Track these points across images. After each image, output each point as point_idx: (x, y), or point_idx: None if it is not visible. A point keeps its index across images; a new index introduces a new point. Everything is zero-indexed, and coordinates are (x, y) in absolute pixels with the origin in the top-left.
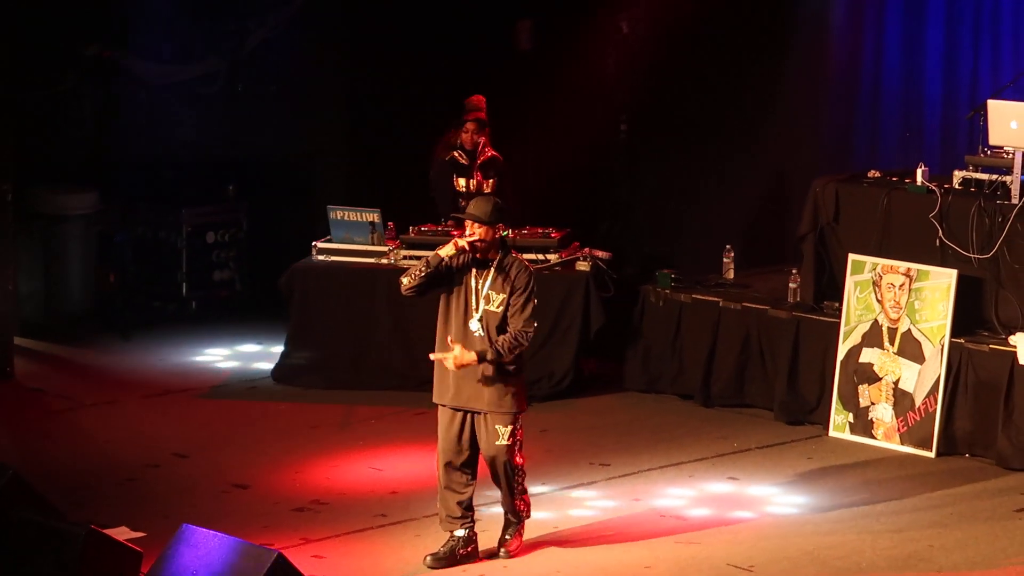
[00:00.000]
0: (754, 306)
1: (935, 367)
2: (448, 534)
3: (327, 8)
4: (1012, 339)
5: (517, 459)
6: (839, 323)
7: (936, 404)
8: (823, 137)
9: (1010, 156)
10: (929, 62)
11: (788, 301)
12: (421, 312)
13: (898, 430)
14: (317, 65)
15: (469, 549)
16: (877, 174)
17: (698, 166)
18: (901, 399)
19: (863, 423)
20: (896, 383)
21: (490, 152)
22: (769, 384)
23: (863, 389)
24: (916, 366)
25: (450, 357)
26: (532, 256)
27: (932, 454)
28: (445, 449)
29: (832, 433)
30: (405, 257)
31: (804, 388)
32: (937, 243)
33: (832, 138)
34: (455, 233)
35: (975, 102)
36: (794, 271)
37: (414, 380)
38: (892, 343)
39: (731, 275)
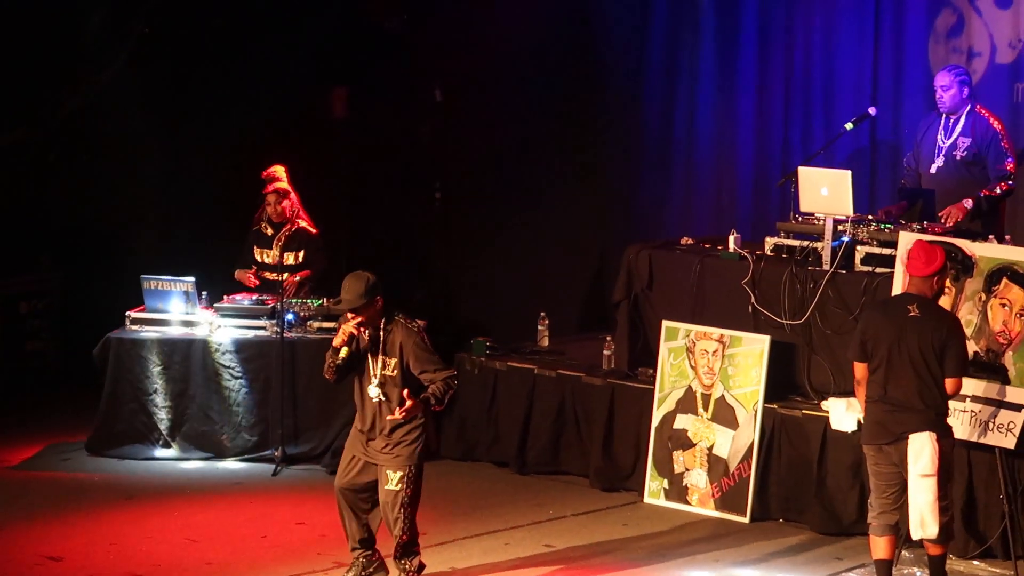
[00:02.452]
0: (569, 373)
1: (748, 433)
2: (353, 557)
3: (142, 78)
4: (824, 404)
5: (406, 510)
6: (653, 389)
7: (750, 469)
8: (637, 205)
9: (821, 222)
10: (741, 130)
11: (603, 368)
12: (235, 382)
13: (712, 496)
14: (131, 134)
15: (371, 569)
16: (690, 241)
17: (512, 234)
18: (715, 465)
19: (678, 489)
20: (710, 449)
21: (299, 224)
22: (584, 451)
23: (678, 455)
24: (730, 432)
25: (401, 410)
26: None
27: (746, 519)
28: (342, 477)
29: (647, 499)
30: (220, 327)
31: (619, 455)
32: (750, 309)
33: (646, 205)
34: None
35: (786, 169)
36: (608, 338)
37: (231, 450)
38: (706, 409)
39: (546, 342)
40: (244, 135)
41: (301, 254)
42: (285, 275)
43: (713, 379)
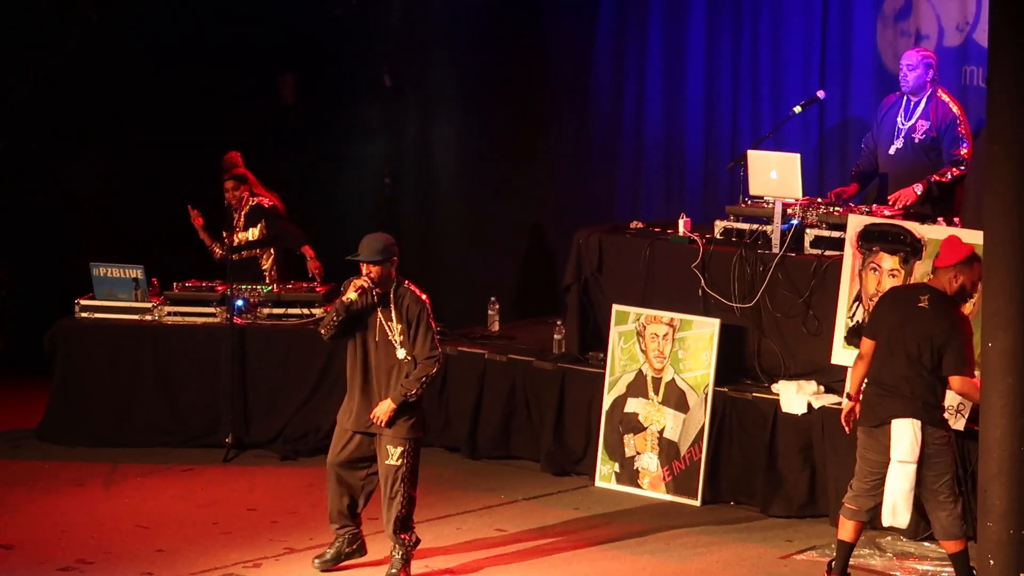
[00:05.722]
0: (519, 358)
1: (699, 416)
2: (335, 535)
3: (90, 63)
4: (775, 387)
5: (406, 485)
6: (604, 373)
7: (701, 453)
8: (587, 189)
9: (770, 206)
10: (690, 114)
11: (553, 352)
12: (186, 368)
13: (664, 479)
14: (79, 121)
15: (355, 547)
16: (640, 225)
17: (462, 219)
18: (666, 448)
19: (629, 473)
20: (661, 432)
21: (254, 200)
22: (535, 435)
23: (628, 439)
24: (681, 415)
25: (379, 415)
26: (298, 310)
27: (698, 502)
28: (335, 454)
29: (598, 483)
30: (170, 313)
31: (570, 439)
32: (700, 293)
33: (595, 190)
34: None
35: (735, 153)
36: (559, 322)
37: (180, 436)
38: (657, 393)
39: (496, 327)
40: (193, 121)
41: (259, 227)
42: (254, 252)
43: (663, 363)
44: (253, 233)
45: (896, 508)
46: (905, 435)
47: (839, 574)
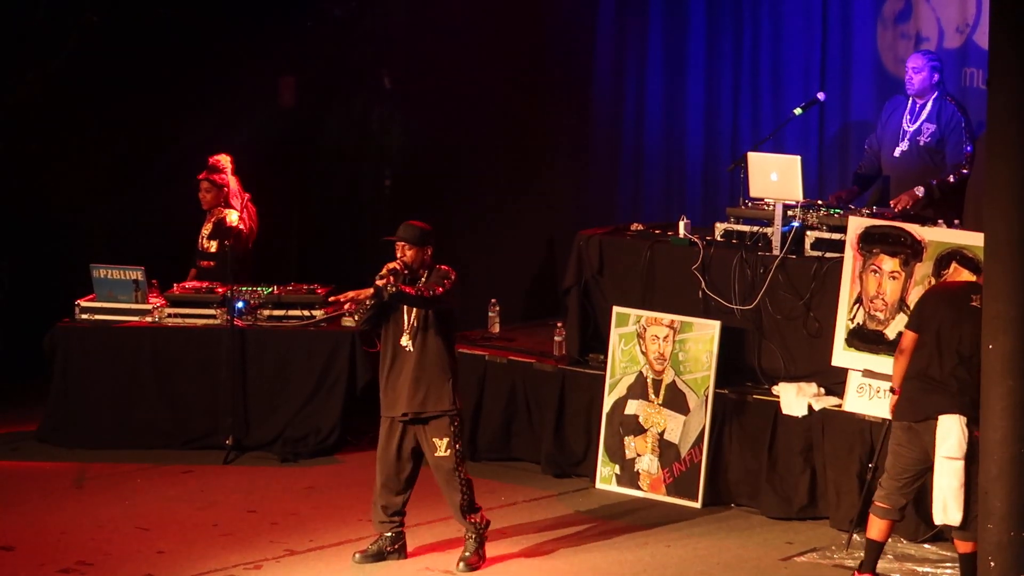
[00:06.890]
0: (520, 359)
1: (700, 418)
2: (378, 534)
3: (88, 64)
4: (775, 389)
5: (461, 470)
6: (604, 375)
7: (701, 455)
8: (587, 191)
9: (771, 208)
10: (690, 116)
11: (553, 354)
12: (186, 370)
13: (664, 481)
14: (79, 121)
15: (396, 546)
16: (640, 227)
17: (462, 221)
18: (667, 450)
19: (629, 474)
20: (661, 434)
21: (221, 213)
22: (536, 437)
23: (629, 441)
24: (681, 417)
25: (349, 293)
26: (298, 312)
27: (698, 504)
28: (382, 457)
29: (599, 485)
30: (170, 315)
31: (570, 441)
32: (700, 295)
33: (596, 192)
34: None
35: (736, 155)
36: (559, 324)
37: (180, 438)
38: (657, 395)
39: (497, 329)
40: (193, 123)
41: (217, 243)
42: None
43: (664, 365)
44: (213, 245)
45: (947, 505)
46: (953, 431)
47: (870, 574)
